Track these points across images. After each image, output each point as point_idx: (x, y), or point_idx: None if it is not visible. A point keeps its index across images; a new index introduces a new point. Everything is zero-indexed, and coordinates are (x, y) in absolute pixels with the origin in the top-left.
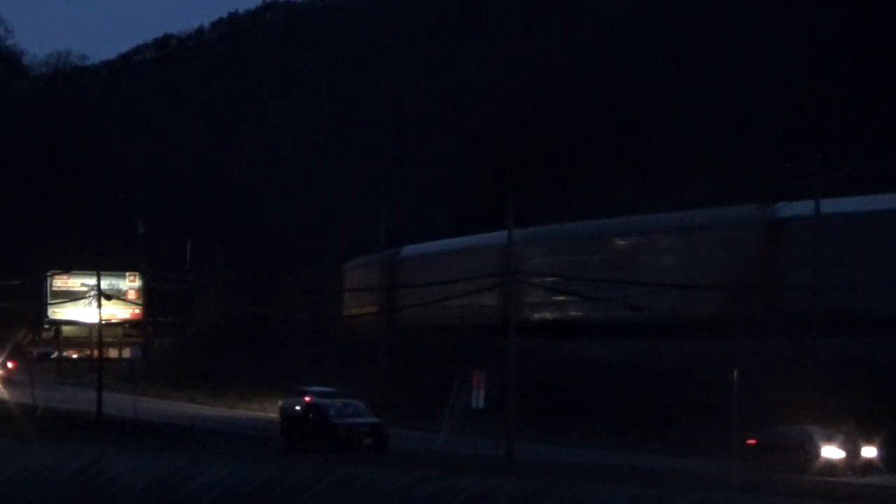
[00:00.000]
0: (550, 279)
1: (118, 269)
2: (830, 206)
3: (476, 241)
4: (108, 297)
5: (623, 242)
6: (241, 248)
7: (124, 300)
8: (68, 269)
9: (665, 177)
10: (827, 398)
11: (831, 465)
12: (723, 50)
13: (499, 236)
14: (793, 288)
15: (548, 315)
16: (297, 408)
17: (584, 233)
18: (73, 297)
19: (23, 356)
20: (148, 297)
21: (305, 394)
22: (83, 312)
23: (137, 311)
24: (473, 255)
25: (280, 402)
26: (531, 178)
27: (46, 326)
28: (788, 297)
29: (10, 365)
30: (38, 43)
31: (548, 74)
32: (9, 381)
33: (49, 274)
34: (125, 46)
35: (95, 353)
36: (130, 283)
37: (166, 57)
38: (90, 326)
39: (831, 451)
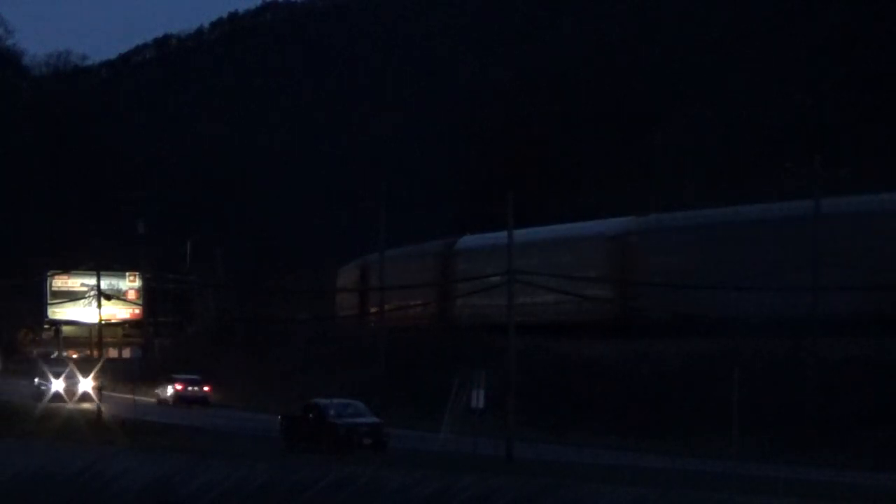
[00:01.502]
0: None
1: (118, 269)
2: None
3: (567, 230)
4: (108, 297)
5: (782, 231)
6: (241, 248)
7: (124, 300)
8: (68, 269)
9: (665, 177)
10: None
11: None
12: (723, 50)
13: (608, 224)
14: None
15: (670, 313)
16: (169, 393)
17: (727, 220)
18: (73, 297)
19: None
20: (148, 297)
21: (175, 381)
22: (83, 312)
23: (137, 311)
24: (568, 247)
25: (156, 390)
26: (531, 178)
27: (46, 326)
28: None
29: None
30: (38, 43)
31: (548, 74)
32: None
33: (49, 274)
34: (125, 46)
35: (95, 353)
36: (130, 283)
37: (166, 57)
38: (90, 326)
39: None
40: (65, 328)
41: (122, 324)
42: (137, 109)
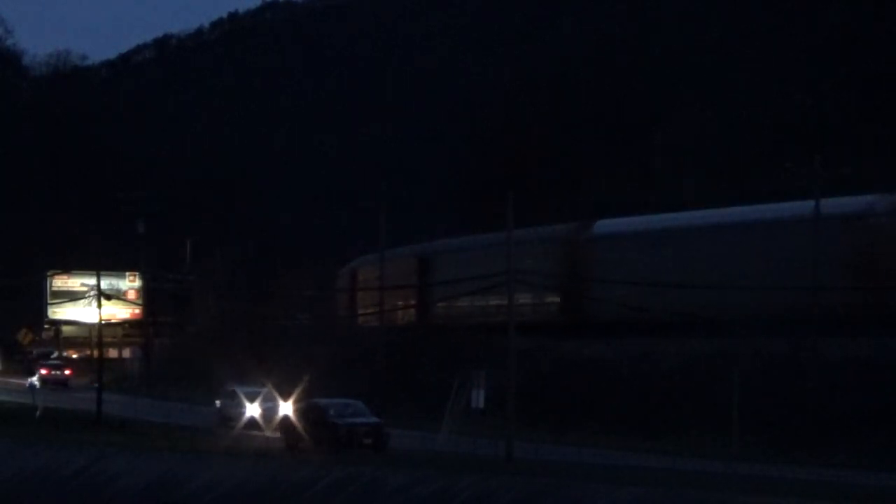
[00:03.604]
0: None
1: (118, 269)
2: None
3: (770, 211)
4: (108, 297)
5: None
6: (241, 248)
7: (124, 300)
8: (68, 269)
9: (665, 177)
10: None
11: None
12: (723, 50)
13: (834, 204)
14: None
15: None
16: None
17: None
18: (73, 297)
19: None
20: (148, 297)
21: (42, 366)
22: (83, 312)
23: (137, 311)
24: (776, 230)
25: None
26: (531, 178)
27: (46, 326)
28: None
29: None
30: (38, 43)
31: (548, 74)
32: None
33: (49, 274)
34: (125, 46)
35: (95, 353)
36: (130, 283)
37: (166, 57)
38: (90, 326)
39: None
40: (65, 328)
41: (122, 324)
42: (137, 109)
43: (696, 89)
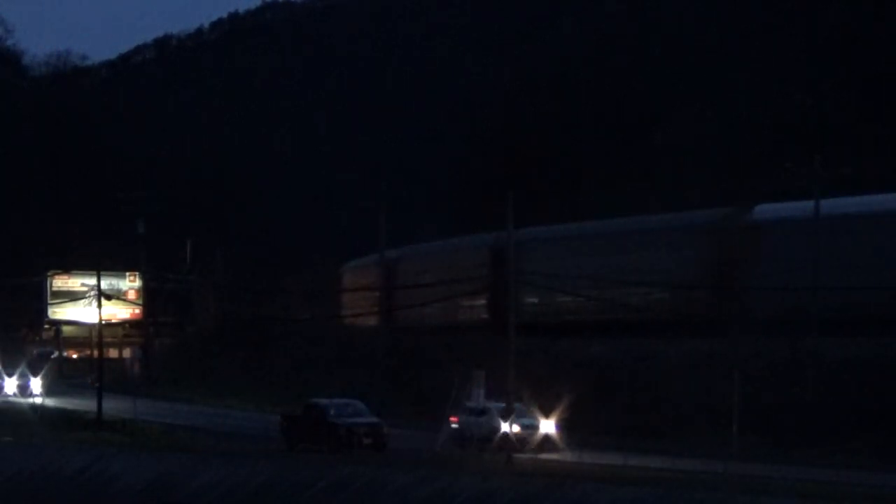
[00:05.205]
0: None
1: (118, 269)
2: None
3: None
4: (108, 297)
5: None
6: (240, 248)
7: (124, 300)
8: (68, 269)
9: (665, 177)
10: None
11: None
12: (723, 50)
13: None
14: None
15: None
16: None
17: None
18: (73, 297)
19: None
20: (148, 297)
21: None
22: (83, 312)
23: (137, 311)
24: None
25: None
26: (531, 179)
27: (46, 326)
28: None
29: None
30: (38, 43)
31: (548, 74)
32: None
33: (49, 274)
34: (125, 46)
35: (95, 353)
36: (130, 283)
37: (166, 57)
38: (90, 326)
39: None
40: (65, 328)
41: (122, 324)
42: (137, 109)
43: (696, 89)
